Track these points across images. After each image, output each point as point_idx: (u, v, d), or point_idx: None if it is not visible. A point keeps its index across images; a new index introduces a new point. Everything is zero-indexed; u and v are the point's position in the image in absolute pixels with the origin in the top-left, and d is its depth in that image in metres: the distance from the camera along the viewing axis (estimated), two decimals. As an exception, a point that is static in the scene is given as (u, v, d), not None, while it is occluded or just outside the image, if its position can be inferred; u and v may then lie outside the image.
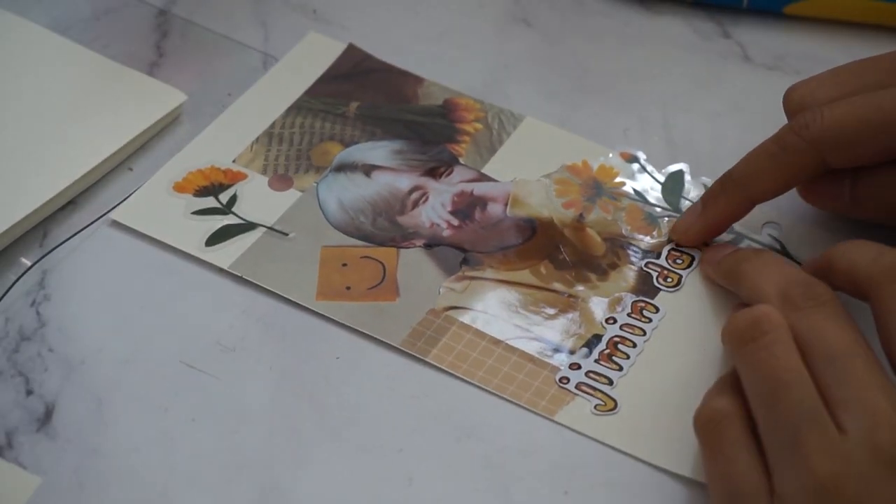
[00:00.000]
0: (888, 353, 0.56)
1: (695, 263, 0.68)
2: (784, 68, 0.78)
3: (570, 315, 0.66)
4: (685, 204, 0.70)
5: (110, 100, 0.74)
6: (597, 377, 0.63)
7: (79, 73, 0.75)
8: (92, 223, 0.69)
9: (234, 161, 0.72)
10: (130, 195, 0.70)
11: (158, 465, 0.60)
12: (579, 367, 0.64)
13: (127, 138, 0.72)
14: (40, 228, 0.69)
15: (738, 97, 0.76)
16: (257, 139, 0.73)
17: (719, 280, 0.66)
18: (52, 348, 0.64)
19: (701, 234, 0.67)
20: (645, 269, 0.68)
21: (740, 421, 0.56)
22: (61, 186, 0.69)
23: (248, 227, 0.69)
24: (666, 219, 0.70)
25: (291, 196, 0.71)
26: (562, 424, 0.62)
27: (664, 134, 0.74)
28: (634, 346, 0.64)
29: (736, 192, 0.66)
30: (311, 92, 0.76)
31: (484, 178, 0.72)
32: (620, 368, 0.64)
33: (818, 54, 0.78)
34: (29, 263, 0.68)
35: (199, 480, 0.60)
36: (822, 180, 0.66)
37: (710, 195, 0.67)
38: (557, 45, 0.79)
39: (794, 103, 0.66)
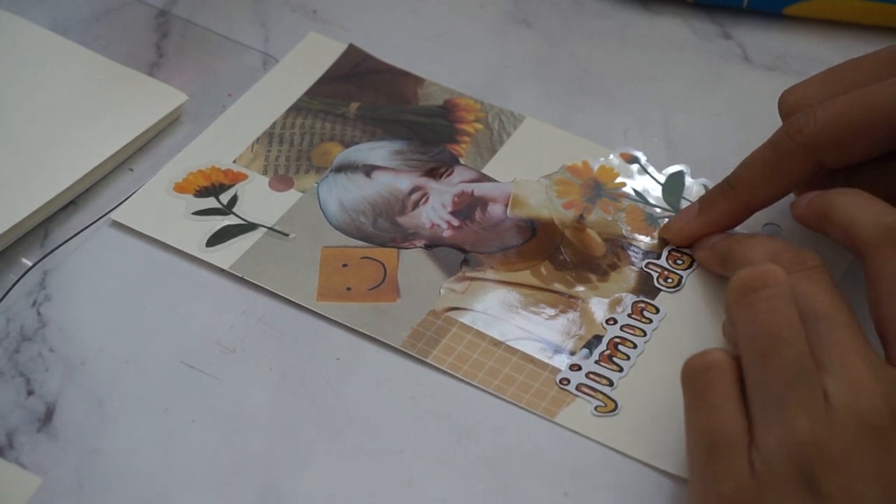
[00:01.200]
0: (875, 316, 0.57)
1: (695, 264, 0.68)
2: (784, 69, 0.78)
3: (570, 316, 0.66)
4: (685, 205, 0.70)
5: (111, 100, 0.74)
6: (597, 378, 0.63)
7: (79, 74, 0.75)
8: (93, 223, 0.69)
9: (234, 161, 0.72)
10: (131, 195, 0.70)
11: (159, 465, 0.60)
12: (580, 368, 0.64)
13: (127, 139, 0.72)
14: (41, 229, 0.69)
15: (737, 98, 0.76)
16: (258, 140, 0.73)
17: (713, 264, 0.66)
18: (52, 348, 0.65)
19: (694, 238, 0.67)
20: (645, 269, 0.68)
21: (731, 373, 0.56)
22: (62, 187, 0.69)
23: (249, 227, 0.69)
24: (666, 219, 0.70)
25: (292, 196, 0.71)
26: (562, 426, 0.62)
27: (664, 134, 0.74)
28: (635, 346, 0.65)
29: (735, 199, 0.66)
30: (312, 92, 0.76)
31: (484, 178, 0.72)
32: (621, 369, 0.64)
33: (818, 55, 0.78)
34: (30, 264, 0.68)
35: (199, 481, 0.60)
36: (817, 180, 0.66)
37: (708, 200, 0.67)
38: (557, 46, 0.79)
39: (788, 107, 0.66)
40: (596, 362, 0.64)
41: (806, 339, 0.55)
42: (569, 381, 0.63)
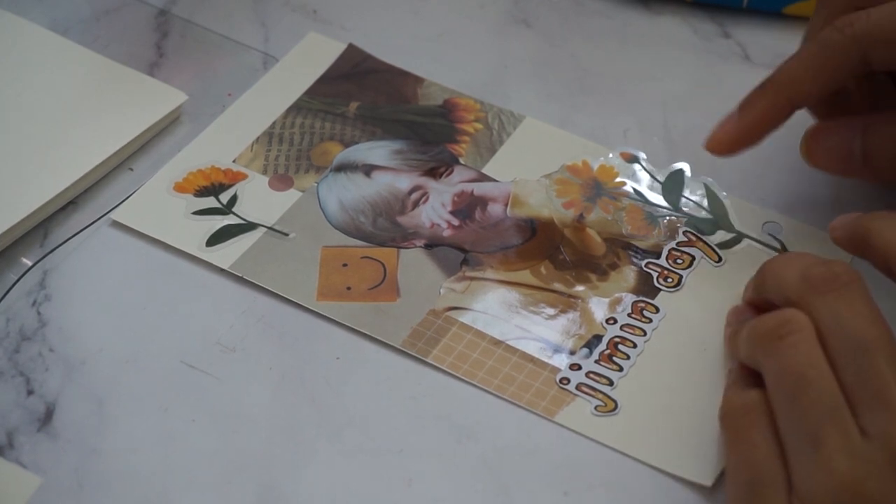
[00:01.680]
0: None
1: (695, 264, 0.68)
2: None
3: (570, 315, 0.66)
4: (685, 203, 0.70)
5: (111, 100, 0.74)
6: (597, 378, 0.63)
7: (79, 74, 0.75)
8: (93, 223, 0.70)
9: (234, 161, 0.72)
10: (131, 195, 0.70)
11: (158, 465, 0.61)
12: (580, 367, 0.64)
13: (127, 138, 0.72)
14: (41, 228, 0.69)
15: (738, 97, 0.74)
16: (257, 139, 0.73)
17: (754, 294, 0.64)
18: (52, 348, 0.65)
19: (736, 141, 0.65)
20: (645, 269, 0.68)
21: (770, 414, 0.55)
22: (62, 186, 0.69)
23: (249, 227, 0.69)
24: (666, 219, 0.70)
25: (292, 196, 0.71)
26: (562, 425, 0.62)
27: (664, 134, 0.74)
28: (635, 346, 0.64)
29: (775, 93, 0.64)
30: (311, 92, 0.76)
31: (484, 178, 0.72)
32: (621, 369, 0.64)
33: None
34: (30, 263, 0.68)
35: (198, 481, 0.60)
36: (831, 135, 0.65)
37: (747, 100, 0.65)
38: (557, 46, 0.79)
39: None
40: (596, 362, 0.64)
41: (833, 376, 0.54)
42: (569, 381, 0.63)
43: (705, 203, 0.70)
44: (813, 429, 0.53)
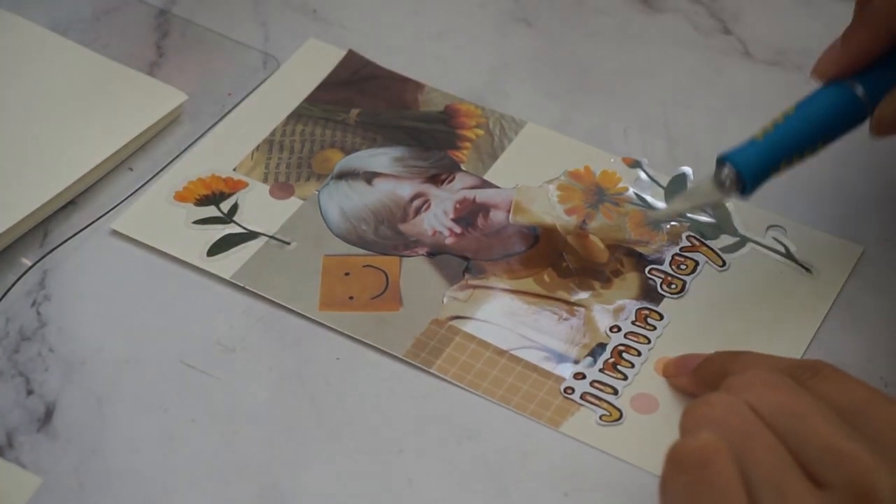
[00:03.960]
0: None
1: (699, 269, 0.70)
2: (785, 64, 0.81)
3: (574, 324, 0.69)
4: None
5: (110, 100, 0.77)
6: (601, 387, 0.66)
7: (79, 73, 0.78)
8: (92, 223, 0.72)
9: (234, 169, 0.75)
10: (127, 199, 0.73)
11: (158, 465, 0.63)
12: (584, 376, 0.67)
13: (127, 138, 0.74)
14: (41, 228, 0.72)
15: (738, 93, 0.80)
16: (258, 147, 0.76)
17: (699, 391, 0.64)
18: (52, 348, 0.67)
19: (841, 70, 0.68)
20: (649, 275, 0.70)
21: (732, 457, 0.54)
22: (61, 187, 0.72)
23: (250, 236, 0.72)
24: (669, 224, 0.72)
25: (293, 204, 0.74)
26: (567, 435, 0.65)
27: (665, 132, 0.77)
28: (639, 354, 0.67)
29: (875, 23, 0.67)
30: (312, 99, 0.79)
31: (486, 184, 0.75)
32: (625, 378, 0.66)
33: (819, 49, 0.77)
34: (29, 263, 0.71)
35: (199, 481, 0.63)
36: None
37: (849, 29, 0.68)
38: (557, 44, 0.82)
39: None
40: (600, 370, 0.67)
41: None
42: (573, 390, 0.66)
43: (708, 207, 0.73)
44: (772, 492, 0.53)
